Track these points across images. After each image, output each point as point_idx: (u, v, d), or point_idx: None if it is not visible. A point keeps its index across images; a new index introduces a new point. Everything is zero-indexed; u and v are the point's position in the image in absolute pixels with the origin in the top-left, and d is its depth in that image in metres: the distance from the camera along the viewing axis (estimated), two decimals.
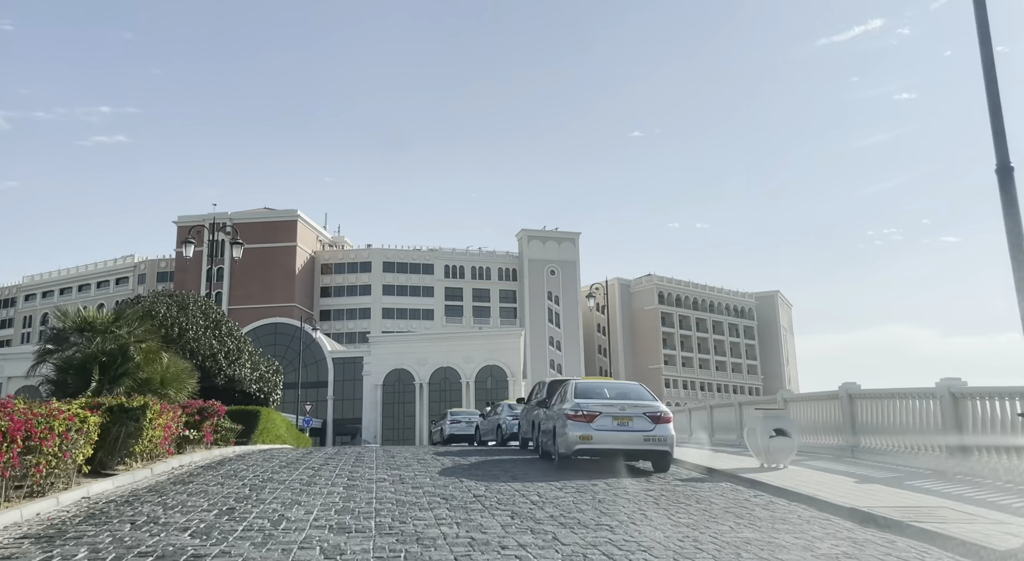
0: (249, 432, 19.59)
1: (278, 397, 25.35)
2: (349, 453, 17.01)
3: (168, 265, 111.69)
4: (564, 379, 17.80)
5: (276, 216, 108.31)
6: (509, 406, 24.36)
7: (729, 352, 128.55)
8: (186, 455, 13.33)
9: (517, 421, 22.84)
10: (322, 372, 78.71)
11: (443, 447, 23.56)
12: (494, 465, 12.85)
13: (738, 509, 7.99)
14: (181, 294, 21.86)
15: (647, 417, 11.42)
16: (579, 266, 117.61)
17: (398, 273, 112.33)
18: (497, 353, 77.43)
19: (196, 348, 19.36)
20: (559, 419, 12.06)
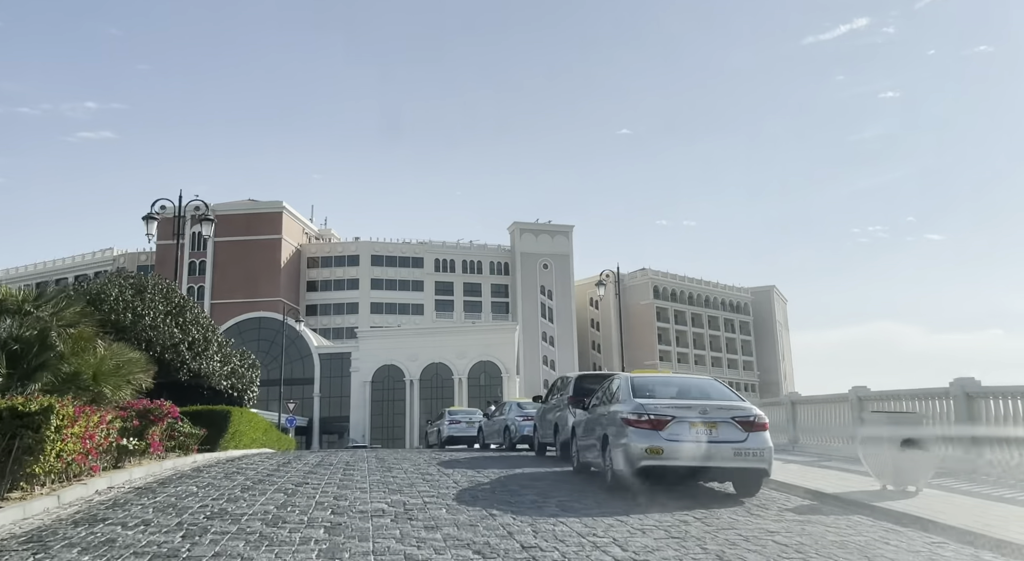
0: (217, 437, 16.54)
1: (254, 395, 22.27)
2: (335, 463, 14.02)
3: (148, 258, 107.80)
4: (602, 373, 14.90)
5: (260, 207, 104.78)
6: (518, 405, 21.40)
7: (725, 348, 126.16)
8: (123, 471, 10.29)
9: (530, 423, 19.92)
10: (308, 368, 75.48)
11: (443, 452, 20.60)
12: (523, 483, 9.94)
13: None
14: (138, 275, 18.75)
15: (736, 423, 8.47)
16: (572, 260, 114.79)
17: (387, 267, 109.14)
18: (491, 348, 74.47)
19: (153, 337, 16.27)
20: (613, 425, 9.08)
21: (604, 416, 9.66)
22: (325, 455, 17.73)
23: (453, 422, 26.27)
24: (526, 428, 20.17)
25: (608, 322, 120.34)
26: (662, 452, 8.29)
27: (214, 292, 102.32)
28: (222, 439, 17.02)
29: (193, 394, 19.52)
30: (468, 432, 26.00)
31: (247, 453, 19.03)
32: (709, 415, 8.47)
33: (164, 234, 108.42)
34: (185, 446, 14.28)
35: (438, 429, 27.12)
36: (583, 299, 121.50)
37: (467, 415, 26.79)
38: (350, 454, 18.15)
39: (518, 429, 20.33)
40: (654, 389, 9.39)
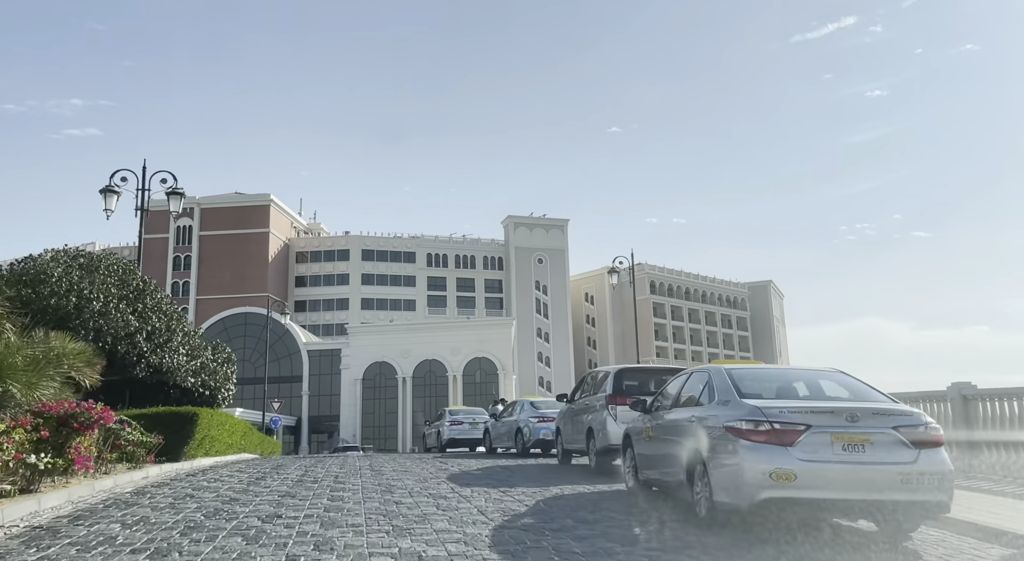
0: (180, 444, 13.82)
1: (230, 393, 19.52)
2: (320, 478, 11.36)
3: (131, 253, 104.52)
4: (651, 367, 12.34)
5: (247, 201, 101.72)
6: (531, 405, 18.74)
7: (722, 344, 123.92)
8: (30, 499, 7.58)
9: (547, 425, 17.29)
10: (296, 365, 72.65)
11: (447, 459, 17.95)
12: (575, 513, 7.30)
13: None
14: (89, 253, 15.98)
15: (900, 435, 5.83)
16: (568, 254, 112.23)
17: (378, 261, 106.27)
18: (486, 344, 71.78)
19: (104, 326, 13.52)
20: (708, 437, 6.36)
21: (684, 424, 7.00)
22: (310, 465, 15.04)
23: (454, 423, 23.60)
24: (542, 431, 17.55)
25: (604, 318, 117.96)
26: (794, 478, 5.64)
27: (200, 287, 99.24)
28: (187, 446, 14.29)
29: (157, 393, 16.81)
30: (471, 434, 23.35)
31: (219, 462, 16.31)
32: (860, 424, 5.78)
33: (148, 229, 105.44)
34: (135, 457, 11.56)
35: (437, 431, 24.45)
36: (578, 295, 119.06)
37: (469, 415, 24.12)
38: (339, 463, 15.49)
39: (532, 432, 17.70)
40: (766, 385, 6.73)
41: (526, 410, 18.55)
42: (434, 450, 26.07)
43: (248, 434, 21.90)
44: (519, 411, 19.04)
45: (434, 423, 25.74)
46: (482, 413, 24.57)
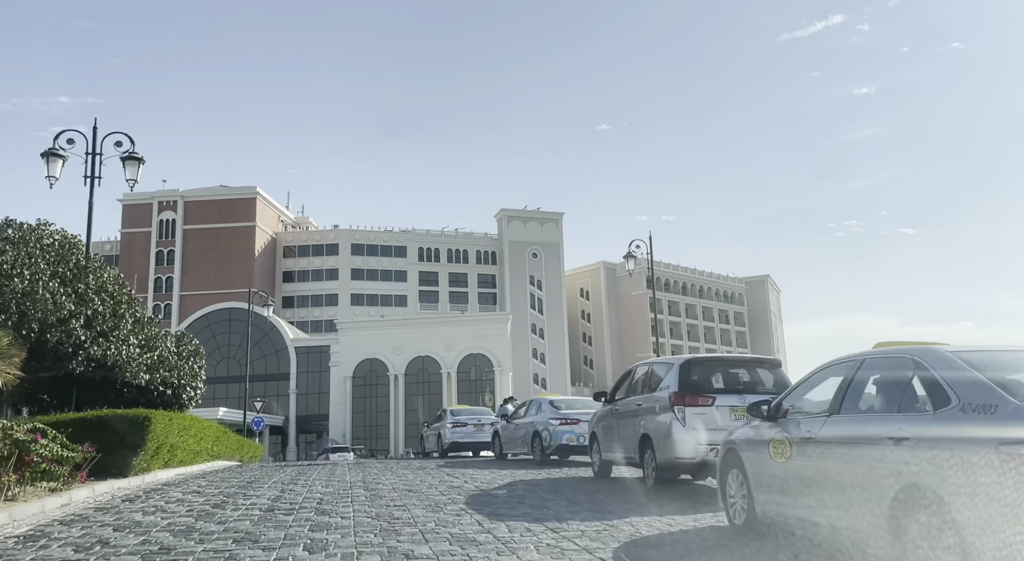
0: (127, 456, 11.04)
1: (198, 393, 16.71)
2: (300, 503, 8.61)
3: (113, 248, 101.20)
4: (749, 358, 9.72)
5: (233, 193, 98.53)
6: (551, 404, 16.02)
7: (719, 339, 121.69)
8: None
9: (571, 429, 14.61)
10: (283, 363, 69.71)
11: (456, 470, 15.25)
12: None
13: None
14: (21, 223, 13.11)
15: None
16: (563, 248, 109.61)
17: (368, 256, 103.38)
18: (482, 340, 69.04)
19: (28, 309, 10.71)
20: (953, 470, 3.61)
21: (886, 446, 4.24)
22: (289, 480, 12.27)
23: (457, 425, 20.87)
24: (564, 435, 14.87)
25: (599, 313, 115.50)
26: None
27: (184, 283, 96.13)
28: (137, 458, 11.49)
29: (108, 393, 14.01)
30: (477, 437, 20.63)
31: (180, 475, 13.51)
32: None
33: (129, 222, 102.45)
34: (55, 476, 8.79)
35: (438, 433, 21.69)
36: (573, 290, 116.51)
37: (474, 416, 21.39)
38: (326, 477, 12.71)
39: (554, 436, 15.01)
40: None
41: (545, 410, 15.85)
42: (434, 454, 23.33)
43: (222, 438, 19.09)
44: (536, 411, 16.35)
45: (434, 424, 22.98)
46: (488, 413, 21.88)
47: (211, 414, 58.32)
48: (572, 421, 15.05)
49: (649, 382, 10.28)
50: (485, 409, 22.94)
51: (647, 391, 10.12)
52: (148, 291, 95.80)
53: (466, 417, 21.14)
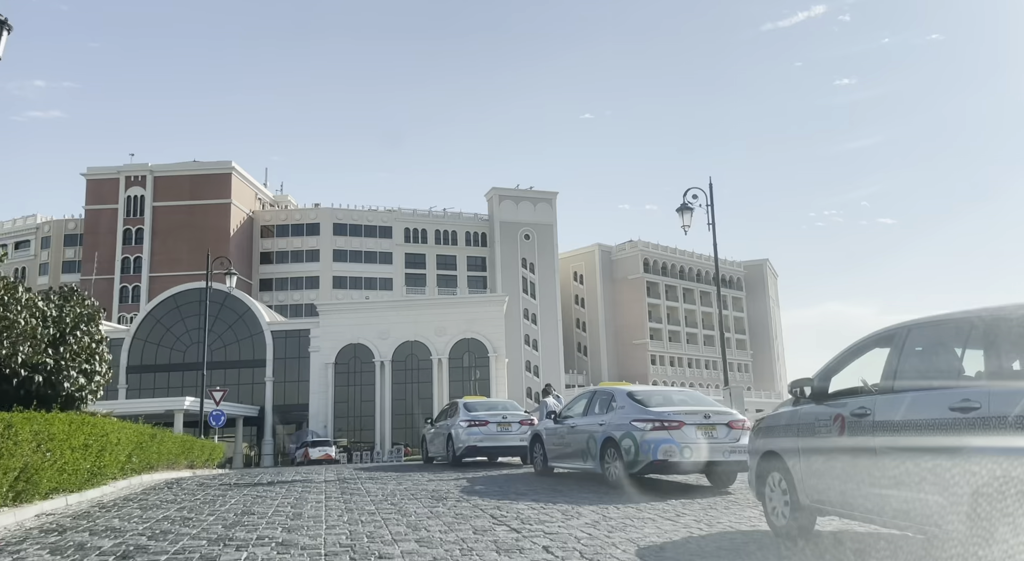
0: None
1: (97, 384, 11.23)
2: None
3: (77, 226, 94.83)
4: None
5: (206, 168, 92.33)
6: (631, 399, 10.73)
7: (717, 326, 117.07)
8: None
9: (673, 437, 9.39)
10: (259, 348, 64.00)
11: (484, 488, 9.97)
12: None
13: None
14: None
15: None
16: (556, 230, 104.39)
17: (351, 236, 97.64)
18: (475, 324, 63.67)
19: None
20: None
21: None
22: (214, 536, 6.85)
23: (475, 423, 15.51)
24: (661, 446, 9.63)
25: (594, 298, 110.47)
26: None
27: (154, 263, 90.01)
28: None
29: None
30: (502, 439, 15.32)
31: (55, 515, 8.08)
32: None
33: (94, 199, 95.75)
34: None
35: (447, 434, 16.29)
36: (566, 273, 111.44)
37: (496, 411, 16.01)
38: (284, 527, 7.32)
39: (643, 448, 9.75)
40: None
41: (623, 408, 10.55)
42: (438, 459, 17.97)
43: (148, 445, 13.66)
44: (604, 409, 11.06)
45: (440, 422, 17.57)
46: (515, 408, 16.52)
47: (176, 405, 52.78)
48: (670, 425, 9.80)
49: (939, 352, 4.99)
50: (510, 403, 17.51)
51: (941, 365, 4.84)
52: (115, 272, 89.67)
53: (486, 413, 15.77)
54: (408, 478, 12.91)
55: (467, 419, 15.63)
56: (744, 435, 9.68)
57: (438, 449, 17.35)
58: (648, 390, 11.24)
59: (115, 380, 65.19)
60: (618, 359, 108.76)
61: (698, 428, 9.90)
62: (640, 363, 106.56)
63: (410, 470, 15.52)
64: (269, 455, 61.69)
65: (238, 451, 60.86)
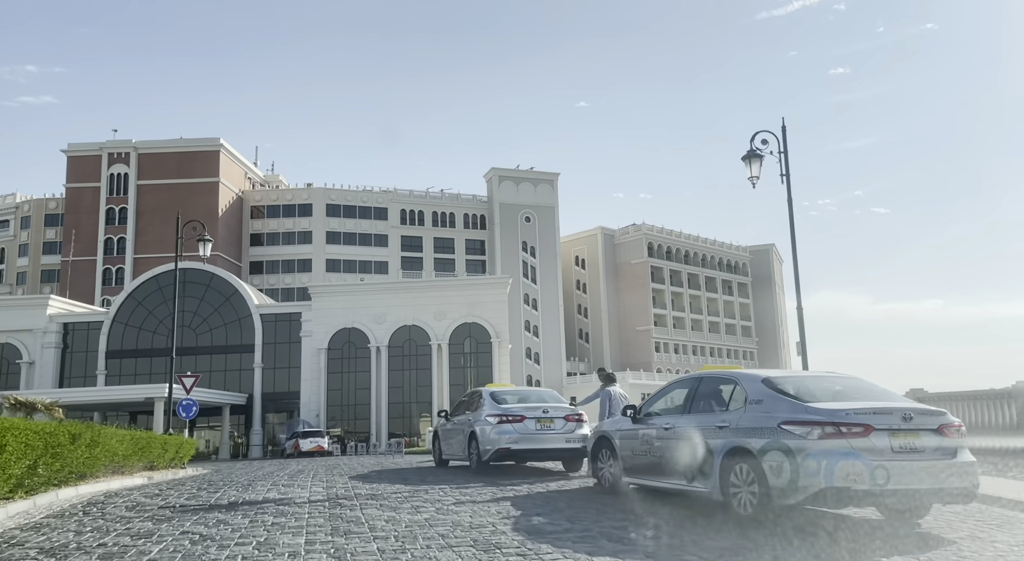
0: None
1: None
2: None
3: (58, 205, 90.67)
4: None
5: (193, 145, 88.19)
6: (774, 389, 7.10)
7: (723, 312, 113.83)
8: None
9: (856, 452, 5.73)
10: (247, 332, 60.28)
11: (533, 505, 6.34)
12: None
13: None
14: None
15: None
16: (558, 212, 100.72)
17: (345, 218, 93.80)
18: (478, 307, 60.05)
19: None
20: None
21: None
22: None
23: (507, 418, 11.85)
24: (835, 464, 6.04)
25: (596, 284, 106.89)
26: None
27: (138, 245, 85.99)
28: None
29: None
30: (545, 441, 11.68)
31: None
32: None
33: (75, 177, 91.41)
34: None
35: (469, 432, 12.59)
36: (568, 258, 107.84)
37: (533, 403, 12.36)
38: None
39: (818, 467, 6.14)
40: None
41: (766, 402, 6.92)
42: (455, 461, 14.36)
43: (69, 448, 10.01)
44: (731, 402, 7.44)
45: (458, 416, 13.84)
46: (556, 399, 12.85)
47: (156, 392, 49.02)
48: (851, 431, 6.20)
49: None
50: (548, 392, 13.73)
51: None
52: (97, 253, 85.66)
53: (521, 406, 12.09)
54: (425, 497, 9.28)
55: (496, 413, 11.98)
56: None
57: (455, 449, 13.70)
58: (795, 377, 7.47)
59: (94, 366, 61.51)
60: (621, 346, 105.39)
61: (893, 434, 6.30)
62: (644, 350, 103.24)
63: (423, 480, 11.87)
64: (258, 446, 58.12)
65: (225, 442, 57.26)
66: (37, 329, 58.85)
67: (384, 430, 57.49)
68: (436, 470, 13.89)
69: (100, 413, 56.60)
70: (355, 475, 13.37)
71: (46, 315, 59.24)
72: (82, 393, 51.85)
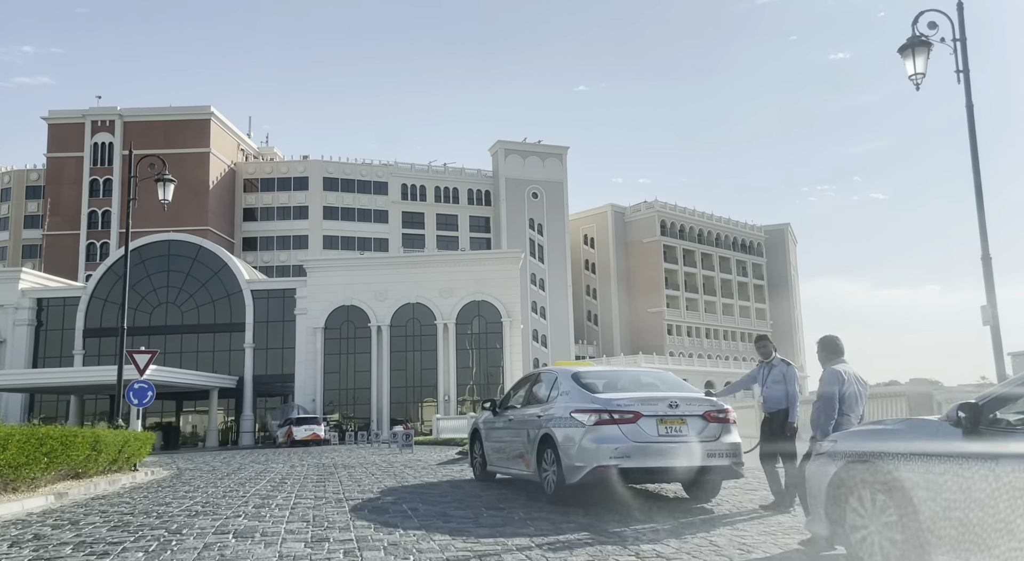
0: None
1: None
2: None
3: (40, 177, 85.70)
4: None
5: (183, 113, 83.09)
6: None
7: (736, 293, 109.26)
8: None
9: None
10: (237, 310, 55.61)
11: None
12: None
13: None
14: None
15: None
16: (567, 188, 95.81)
17: (343, 192, 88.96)
18: (487, 284, 55.36)
19: None
20: None
21: None
22: None
23: (608, 416, 7.24)
24: None
25: (606, 264, 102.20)
26: None
27: (123, 218, 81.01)
28: None
29: None
30: (670, 455, 7.02)
31: None
32: None
33: (56, 146, 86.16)
34: None
35: (543, 435, 7.78)
36: (576, 236, 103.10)
37: (646, 393, 7.73)
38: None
39: None
40: None
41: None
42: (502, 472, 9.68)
43: None
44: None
45: (514, 409, 9.05)
46: (680, 385, 8.18)
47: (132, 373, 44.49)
48: None
49: None
50: (657, 372, 8.89)
51: None
52: (80, 227, 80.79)
53: (630, 397, 7.40)
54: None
55: (590, 408, 7.33)
56: None
57: (509, 459, 9.03)
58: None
59: (71, 345, 56.95)
60: (631, 329, 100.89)
61: None
62: (656, 334, 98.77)
63: (477, 519, 7.17)
64: (249, 432, 53.65)
65: (212, 428, 52.77)
66: (8, 305, 54.17)
67: (385, 416, 53.00)
68: (483, 492, 9.23)
69: (77, 397, 52.16)
70: (359, 503, 8.73)
71: (18, 290, 54.53)
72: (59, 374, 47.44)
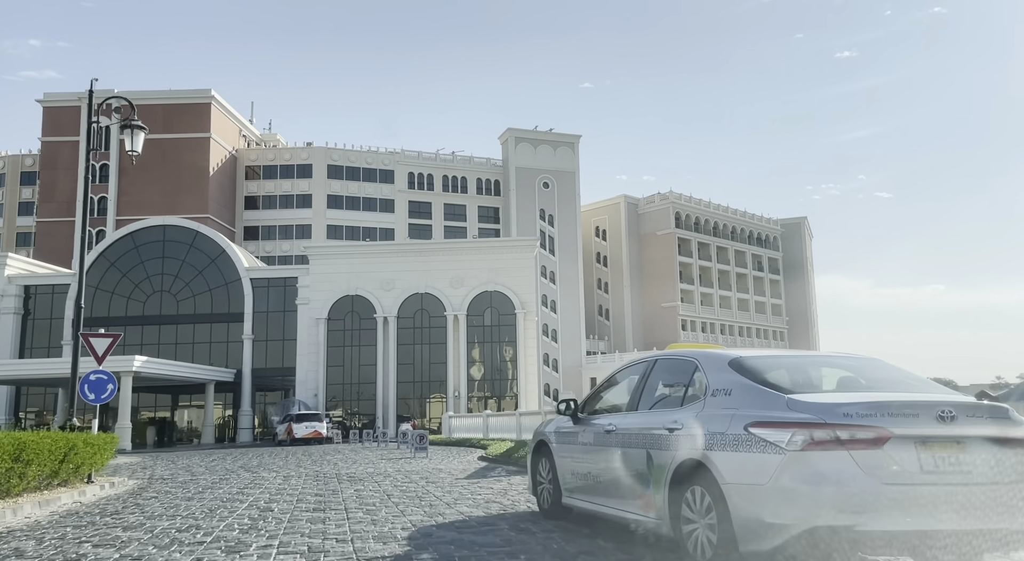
0: None
1: None
2: None
3: (35, 162, 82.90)
4: None
5: (183, 96, 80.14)
6: None
7: (752, 288, 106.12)
8: None
9: None
10: (236, 299, 52.61)
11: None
12: None
13: None
14: None
15: None
16: (578, 177, 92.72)
17: (348, 181, 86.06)
18: (500, 274, 52.28)
19: None
20: None
21: None
22: None
23: (832, 437, 4.19)
24: None
25: (618, 256, 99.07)
26: None
27: (121, 205, 78.21)
28: None
29: None
30: (947, 508, 4.00)
31: None
32: None
33: (51, 130, 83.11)
34: None
35: (686, 461, 4.83)
36: (588, 228, 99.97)
37: (885, 394, 4.61)
38: None
39: None
40: None
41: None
42: (582, 504, 6.53)
43: None
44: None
45: (611, 414, 5.94)
46: (932, 388, 5.08)
47: (123, 366, 41.63)
48: None
49: None
50: (879, 361, 5.71)
51: None
52: (76, 214, 77.86)
53: (855, 401, 4.33)
54: None
55: (787, 419, 4.16)
56: None
57: (604, 490, 5.85)
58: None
59: (59, 335, 54.07)
60: (644, 324, 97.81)
61: None
62: (669, 329, 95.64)
63: None
64: (247, 429, 50.68)
65: (208, 424, 49.78)
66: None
67: (392, 413, 49.96)
68: (569, 545, 6.09)
69: (65, 389, 49.20)
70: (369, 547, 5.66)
71: (4, 276, 51.64)
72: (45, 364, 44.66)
